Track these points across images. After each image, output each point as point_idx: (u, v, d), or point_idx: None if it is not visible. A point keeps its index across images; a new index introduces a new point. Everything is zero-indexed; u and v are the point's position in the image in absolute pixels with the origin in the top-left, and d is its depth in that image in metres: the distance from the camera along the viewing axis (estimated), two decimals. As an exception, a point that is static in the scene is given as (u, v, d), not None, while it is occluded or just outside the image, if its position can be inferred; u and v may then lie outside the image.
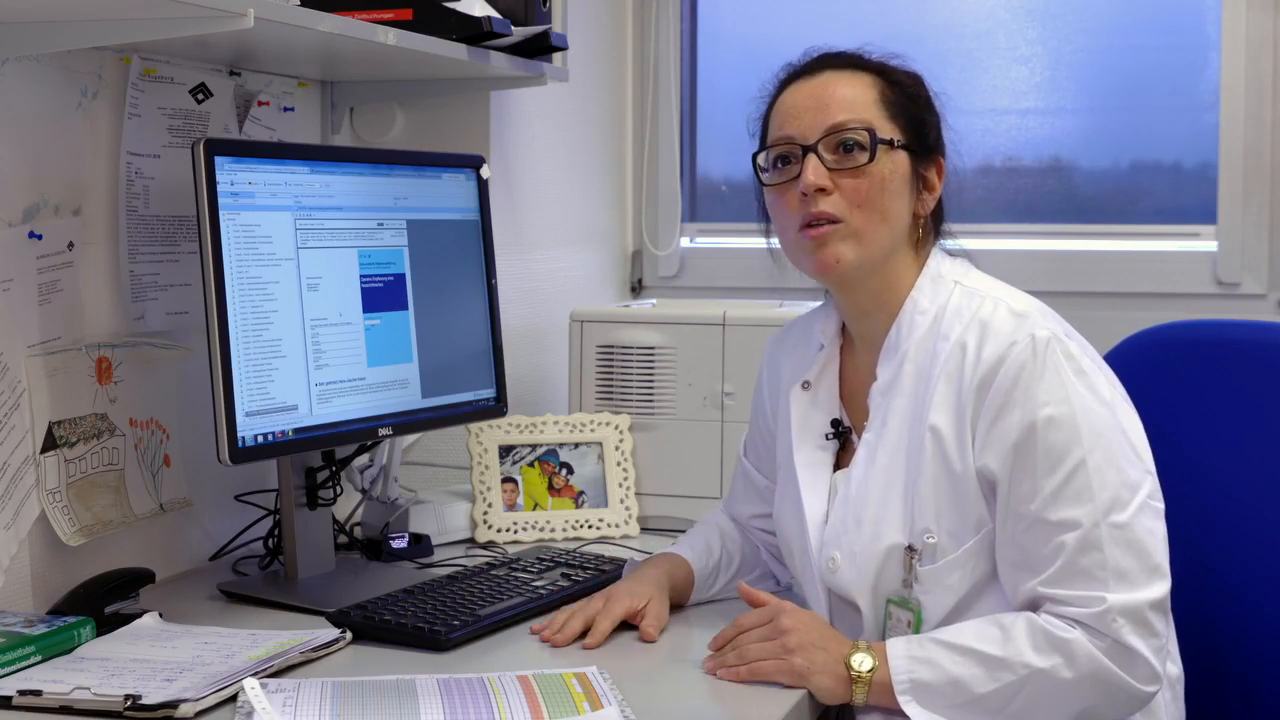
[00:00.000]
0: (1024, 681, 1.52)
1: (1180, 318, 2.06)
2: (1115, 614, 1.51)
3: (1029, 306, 1.65)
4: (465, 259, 2.18)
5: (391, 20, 2.03)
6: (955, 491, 1.61)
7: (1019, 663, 1.52)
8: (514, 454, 2.35)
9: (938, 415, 1.62)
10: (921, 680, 1.54)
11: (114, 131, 1.92)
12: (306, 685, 1.51)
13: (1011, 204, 3.02)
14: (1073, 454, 1.55)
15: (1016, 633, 1.54)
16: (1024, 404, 1.56)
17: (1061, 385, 1.57)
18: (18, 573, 1.77)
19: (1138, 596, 1.52)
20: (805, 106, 1.69)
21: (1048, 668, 1.51)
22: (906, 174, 1.69)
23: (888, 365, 1.69)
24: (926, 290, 1.69)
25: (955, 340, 1.63)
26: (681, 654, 1.71)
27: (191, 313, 2.01)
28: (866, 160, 1.65)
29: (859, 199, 1.65)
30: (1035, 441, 1.55)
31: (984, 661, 1.53)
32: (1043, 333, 1.59)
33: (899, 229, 1.69)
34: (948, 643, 1.56)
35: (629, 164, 3.22)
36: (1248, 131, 2.81)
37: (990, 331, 1.61)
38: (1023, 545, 1.56)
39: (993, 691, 1.52)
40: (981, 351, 1.60)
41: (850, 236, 1.66)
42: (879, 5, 3.11)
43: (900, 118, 1.69)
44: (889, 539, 1.64)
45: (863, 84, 1.70)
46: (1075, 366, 1.59)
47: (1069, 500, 1.54)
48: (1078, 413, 1.56)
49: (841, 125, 1.66)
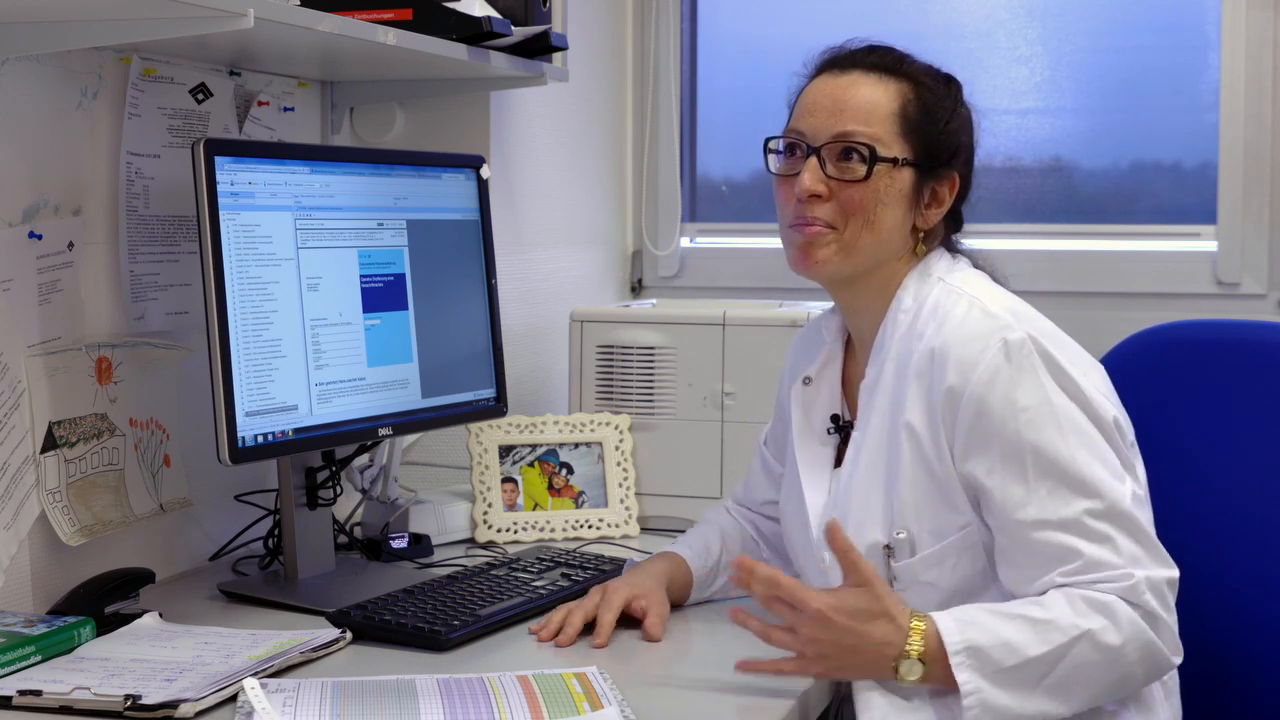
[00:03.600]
0: (1073, 643, 1.49)
1: (1180, 318, 2.06)
2: (1144, 587, 1.51)
3: (1003, 307, 1.63)
4: (465, 259, 2.18)
5: (391, 20, 2.03)
6: (936, 491, 1.60)
7: (1068, 624, 1.49)
8: (514, 454, 2.35)
9: (913, 414, 1.61)
10: (975, 643, 1.49)
11: (114, 131, 1.92)
12: (306, 685, 1.51)
13: (1011, 204, 3.01)
14: (1061, 454, 1.54)
15: (1055, 601, 1.51)
16: (1003, 409, 1.55)
17: (1040, 386, 1.56)
18: (18, 573, 1.77)
19: (1157, 573, 1.53)
20: (822, 105, 1.69)
21: (1096, 628, 1.49)
22: (907, 190, 1.68)
23: (875, 363, 1.69)
24: (911, 288, 1.69)
25: (926, 340, 1.62)
26: (681, 654, 1.71)
27: (191, 313, 2.01)
28: (864, 175, 1.65)
29: (850, 209, 1.66)
30: (1021, 446, 1.55)
31: (1031, 624, 1.50)
32: (1015, 335, 1.58)
33: (890, 241, 1.68)
34: (990, 608, 1.53)
35: (629, 164, 3.22)
36: (1248, 131, 2.80)
37: (962, 332, 1.60)
38: (1032, 552, 1.55)
39: (1045, 654, 1.48)
40: (949, 355, 1.58)
41: (837, 242, 1.67)
42: (879, 5, 3.10)
43: (914, 134, 1.68)
44: (870, 537, 1.63)
45: (887, 93, 1.69)
46: (1052, 365, 1.58)
47: (1067, 500, 1.53)
48: (1058, 413, 1.55)
49: (848, 135, 1.66)
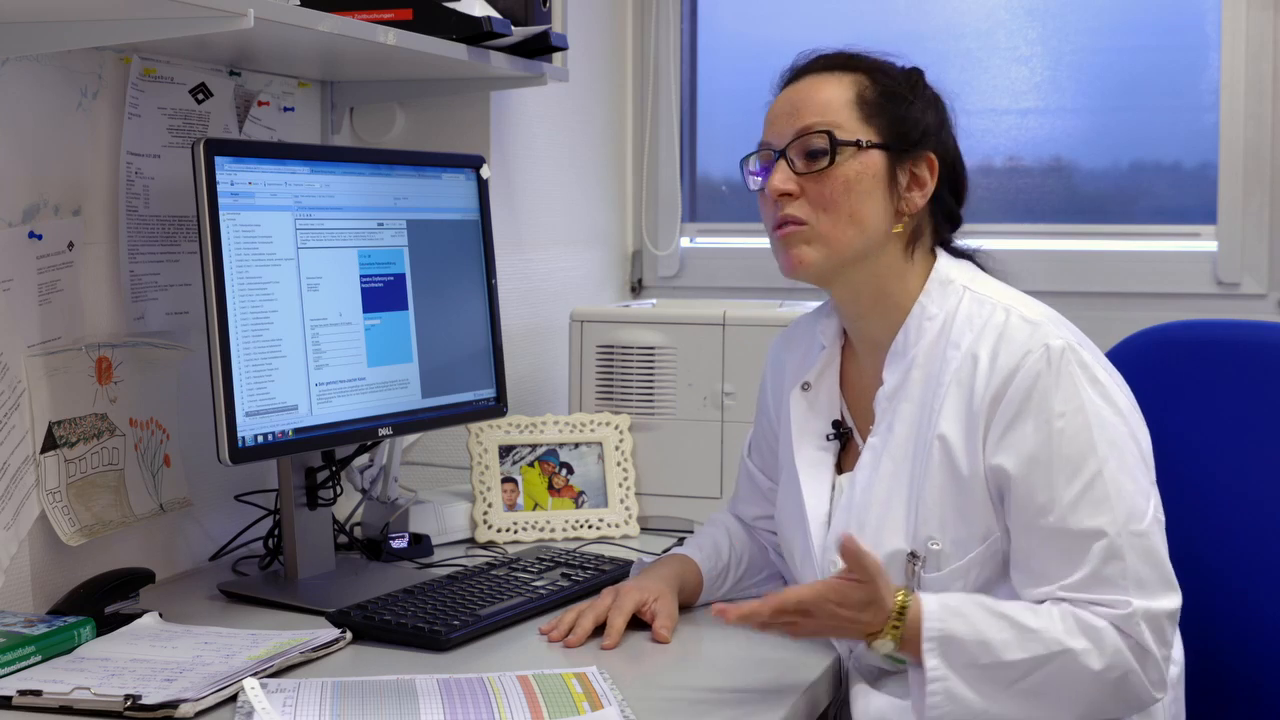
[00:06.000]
0: (1052, 657, 1.50)
1: (1180, 318, 2.06)
2: (1139, 618, 1.51)
3: (1041, 314, 1.64)
4: (465, 259, 2.18)
5: (391, 20, 2.03)
6: (962, 500, 1.60)
7: (1052, 639, 1.51)
8: (514, 454, 2.35)
9: (947, 424, 1.61)
10: (951, 633, 1.51)
11: (114, 131, 1.92)
12: (306, 685, 1.51)
13: (1012, 204, 3.01)
14: (1089, 463, 1.54)
15: (1051, 613, 1.53)
16: (1039, 414, 1.56)
17: (1076, 394, 1.57)
18: (18, 573, 1.77)
19: (1157, 605, 1.53)
20: (781, 112, 1.72)
21: (1079, 650, 1.50)
22: (880, 173, 1.68)
23: (895, 370, 1.69)
24: (935, 295, 1.69)
25: (966, 349, 1.62)
26: (683, 654, 1.71)
27: (191, 313, 2.01)
28: (827, 163, 1.66)
29: (823, 202, 1.67)
30: (1051, 451, 1.55)
31: (1018, 629, 1.51)
32: (1057, 342, 1.59)
33: (871, 229, 1.68)
34: (985, 603, 1.54)
35: (629, 164, 3.22)
36: (1248, 131, 2.80)
37: (1004, 341, 1.60)
38: (1043, 556, 1.56)
39: (1019, 661, 1.51)
40: (995, 361, 1.59)
41: (815, 239, 1.67)
42: (879, 5, 3.10)
43: (878, 117, 1.69)
44: (891, 545, 1.63)
45: (840, 85, 1.70)
46: (1089, 375, 1.59)
47: (1089, 510, 1.54)
48: (1093, 422, 1.56)
49: (807, 129, 1.68)
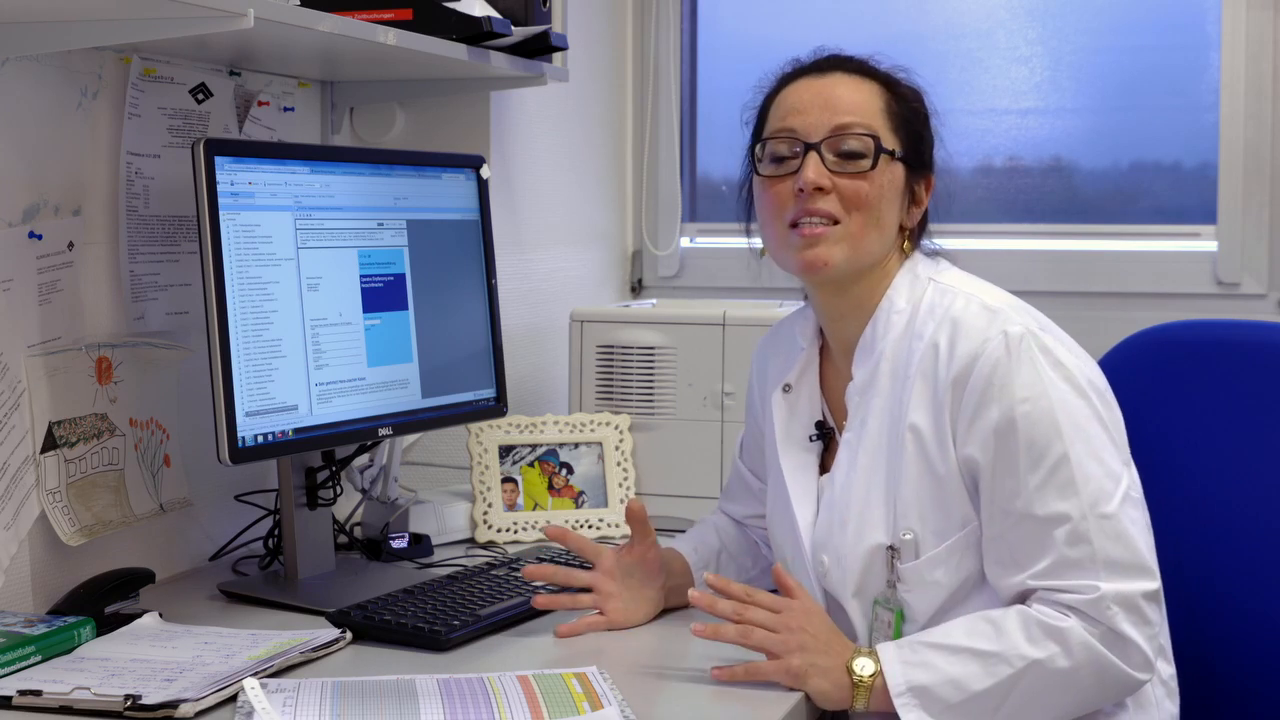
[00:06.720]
0: (1021, 674, 1.51)
1: (1180, 318, 2.06)
2: (1109, 601, 1.51)
3: (1001, 302, 1.64)
4: (465, 259, 2.18)
5: (391, 20, 2.03)
6: (938, 489, 1.61)
7: (1015, 655, 1.51)
8: (514, 454, 2.35)
9: (917, 414, 1.62)
10: (919, 683, 1.53)
11: (114, 131, 1.92)
12: (306, 685, 1.51)
13: (1012, 204, 3.02)
14: (1054, 448, 1.55)
15: (1009, 625, 1.53)
16: (1001, 399, 1.56)
17: (1038, 379, 1.56)
18: (18, 573, 1.77)
19: (1130, 586, 1.52)
20: (811, 103, 1.69)
21: (1044, 658, 1.51)
22: (901, 186, 1.70)
23: (864, 365, 1.69)
24: (903, 289, 1.69)
25: (929, 339, 1.63)
26: (682, 654, 1.71)
27: (191, 313, 2.01)
28: (869, 166, 1.66)
29: (858, 202, 1.66)
30: (1016, 437, 1.55)
31: (979, 657, 1.52)
32: (1015, 328, 1.59)
33: (889, 237, 1.70)
34: (938, 644, 1.55)
35: (629, 164, 3.22)
36: (1248, 131, 2.81)
37: (962, 328, 1.61)
38: (1010, 542, 1.56)
39: (991, 687, 1.51)
40: (955, 349, 1.60)
41: (844, 239, 1.66)
42: (880, 5, 3.11)
43: (902, 130, 1.70)
44: (872, 539, 1.64)
45: (870, 91, 1.70)
46: (1051, 359, 1.58)
47: (1054, 494, 1.54)
48: (1056, 406, 1.56)
49: (847, 127, 1.67)
